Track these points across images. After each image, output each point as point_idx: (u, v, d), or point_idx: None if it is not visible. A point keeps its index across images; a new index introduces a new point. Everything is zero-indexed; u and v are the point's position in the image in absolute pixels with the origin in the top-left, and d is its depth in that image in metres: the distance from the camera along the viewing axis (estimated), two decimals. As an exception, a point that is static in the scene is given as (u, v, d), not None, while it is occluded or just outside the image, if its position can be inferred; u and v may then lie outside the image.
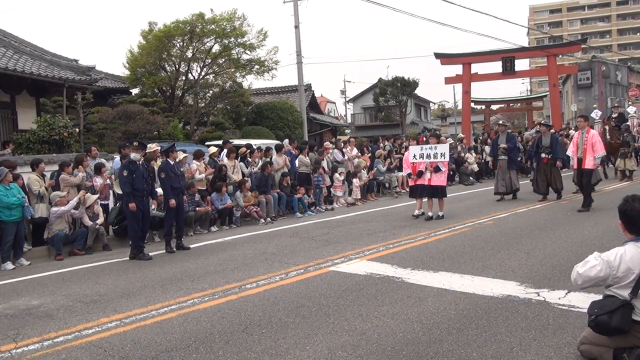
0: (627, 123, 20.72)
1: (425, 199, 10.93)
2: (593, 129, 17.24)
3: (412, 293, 5.58)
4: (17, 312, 5.76)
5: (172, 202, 8.97)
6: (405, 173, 11.44)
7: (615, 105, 20.45)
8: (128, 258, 8.49)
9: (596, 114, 30.17)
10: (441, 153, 10.55)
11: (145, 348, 4.41)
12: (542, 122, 13.52)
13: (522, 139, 19.77)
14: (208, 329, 4.78)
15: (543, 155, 12.27)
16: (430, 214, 10.61)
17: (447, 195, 11.13)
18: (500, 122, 14.89)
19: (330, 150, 15.68)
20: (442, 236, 8.81)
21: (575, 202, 12.39)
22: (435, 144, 10.80)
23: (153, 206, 9.94)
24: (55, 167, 10.62)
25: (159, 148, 10.48)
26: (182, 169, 9.80)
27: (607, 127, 17.52)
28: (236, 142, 15.46)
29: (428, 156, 10.64)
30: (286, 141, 15.17)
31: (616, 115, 18.73)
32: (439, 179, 10.65)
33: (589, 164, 10.75)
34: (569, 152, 11.33)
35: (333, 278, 6.41)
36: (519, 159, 15.05)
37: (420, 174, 10.79)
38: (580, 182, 11.20)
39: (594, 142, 10.70)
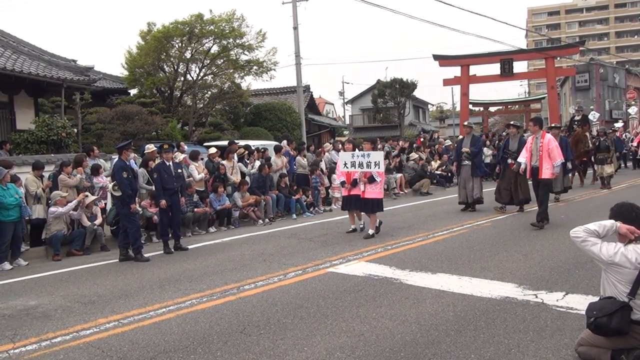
0: (603, 127, 20.61)
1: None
2: (591, 131, 17.14)
3: (410, 294, 5.58)
4: (15, 313, 5.75)
5: (163, 202, 8.94)
6: (338, 181, 9.93)
7: (578, 108, 19.38)
8: (118, 260, 8.45)
9: (594, 116, 30.20)
10: (375, 162, 9.10)
11: (144, 349, 4.41)
12: (512, 122, 12.00)
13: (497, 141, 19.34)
14: (206, 330, 4.78)
15: (510, 160, 10.92)
16: (370, 231, 9.22)
17: (384, 210, 9.75)
18: (466, 123, 13.47)
19: (327, 152, 15.65)
20: (441, 238, 8.81)
21: (575, 203, 12.43)
22: (369, 151, 9.35)
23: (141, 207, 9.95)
24: (53, 168, 10.62)
25: (156, 149, 10.50)
26: (180, 170, 9.70)
27: (588, 133, 16.30)
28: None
29: (360, 165, 9.20)
30: (284, 142, 15.17)
31: (579, 117, 17.54)
32: (374, 191, 9.22)
33: (546, 173, 9.33)
34: (521, 159, 9.97)
35: (331, 279, 6.41)
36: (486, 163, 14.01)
37: (355, 183, 9.37)
38: (536, 194, 9.78)
39: (551, 148, 9.34)
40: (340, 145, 16.47)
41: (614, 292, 3.67)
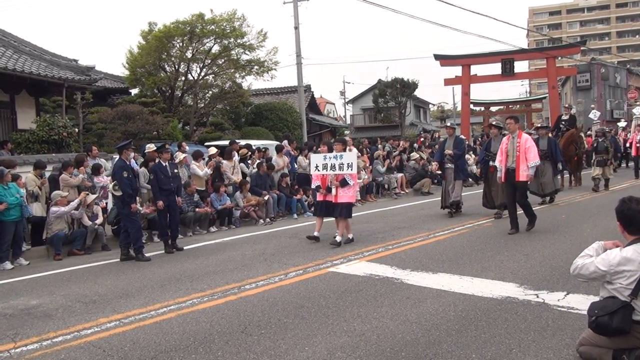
0: (604, 127, 20.23)
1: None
2: (590, 130, 17.01)
3: (411, 294, 5.58)
4: (16, 312, 5.75)
5: (160, 203, 8.95)
6: (313, 186, 9.38)
7: (566, 106, 18.73)
8: (119, 260, 8.46)
9: (594, 115, 30.10)
10: (348, 164, 8.58)
11: (144, 348, 4.41)
12: (494, 122, 11.10)
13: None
14: (207, 330, 4.78)
15: (491, 163, 10.29)
16: (338, 238, 8.51)
17: (352, 216, 9.02)
18: (449, 124, 12.55)
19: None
20: (442, 237, 8.81)
21: (576, 203, 12.42)
22: (340, 152, 8.85)
23: (143, 207, 9.96)
24: (52, 168, 10.62)
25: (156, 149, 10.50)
26: (176, 170, 9.68)
27: (581, 134, 15.90)
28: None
29: (332, 167, 8.67)
30: (285, 142, 15.17)
31: (567, 117, 16.91)
32: (346, 195, 8.66)
33: (523, 175, 8.68)
34: (497, 162, 9.31)
35: (332, 279, 6.41)
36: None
37: (330, 190, 8.72)
38: (512, 199, 8.96)
39: (528, 148, 8.72)
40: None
41: (615, 293, 3.65)
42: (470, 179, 17.85)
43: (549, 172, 12.29)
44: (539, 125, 14.47)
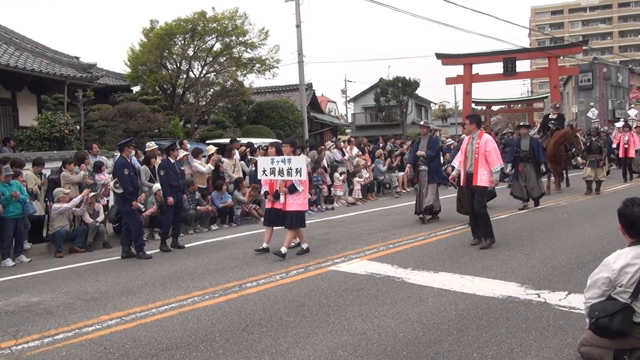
0: (597, 125, 19.73)
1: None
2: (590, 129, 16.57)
3: (412, 293, 5.58)
4: (17, 309, 5.76)
5: (170, 199, 8.99)
6: (262, 191, 8.71)
7: (556, 105, 18.01)
8: (120, 257, 8.45)
9: (593, 113, 29.95)
10: (296, 169, 7.74)
11: (146, 346, 4.41)
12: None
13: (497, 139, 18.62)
14: (208, 327, 4.78)
15: (450, 165, 9.46)
16: (283, 249, 7.68)
17: (306, 225, 8.27)
18: (422, 122, 11.53)
19: (327, 150, 15.60)
20: (443, 236, 8.80)
21: (577, 203, 12.40)
22: (289, 156, 7.99)
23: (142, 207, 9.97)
24: (55, 164, 10.64)
25: (157, 147, 10.54)
26: (182, 167, 9.79)
27: (577, 134, 14.98)
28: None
29: (280, 172, 7.86)
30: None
31: (555, 116, 15.97)
32: (296, 203, 7.86)
33: (481, 179, 7.78)
34: (455, 163, 8.55)
35: (333, 277, 6.41)
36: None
37: (277, 196, 7.98)
38: (471, 206, 8.07)
39: (488, 151, 7.77)
40: (342, 144, 16.53)
41: (616, 295, 3.65)
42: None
43: (533, 174, 11.72)
44: (521, 124, 13.48)
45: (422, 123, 11.36)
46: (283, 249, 7.67)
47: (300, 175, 7.74)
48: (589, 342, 3.75)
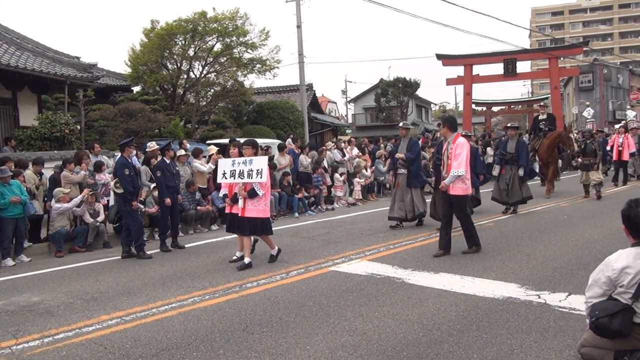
0: (589, 127, 18.87)
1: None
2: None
3: (412, 294, 5.58)
4: (18, 309, 5.76)
5: (168, 200, 8.99)
6: (221, 194, 8.17)
7: (541, 104, 17.20)
8: (120, 257, 8.45)
9: (588, 113, 29.87)
10: (257, 170, 7.08)
11: (146, 346, 4.41)
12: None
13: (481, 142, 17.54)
14: (209, 328, 4.78)
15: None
16: (246, 259, 7.17)
17: (273, 232, 7.63)
18: (401, 124, 10.49)
19: (328, 151, 15.61)
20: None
21: (578, 204, 12.40)
22: (250, 157, 7.34)
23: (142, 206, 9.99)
24: (56, 164, 10.64)
25: (158, 147, 10.54)
26: (177, 168, 9.83)
27: (571, 135, 14.40)
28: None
29: (241, 174, 7.22)
30: (289, 140, 15.20)
31: (545, 116, 15.42)
32: (255, 208, 7.17)
33: (456, 188, 7.33)
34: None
35: (334, 278, 6.41)
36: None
37: (236, 199, 7.39)
38: (445, 214, 7.62)
39: (456, 154, 7.27)
40: (343, 144, 16.54)
41: (617, 295, 3.65)
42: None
43: (517, 178, 11.15)
44: (508, 125, 12.91)
45: (401, 124, 10.38)
46: (247, 260, 7.14)
47: (261, 177, 7.07)
48: (590, 343, 3.75)
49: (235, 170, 7.33)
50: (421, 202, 9.98)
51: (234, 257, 7.61)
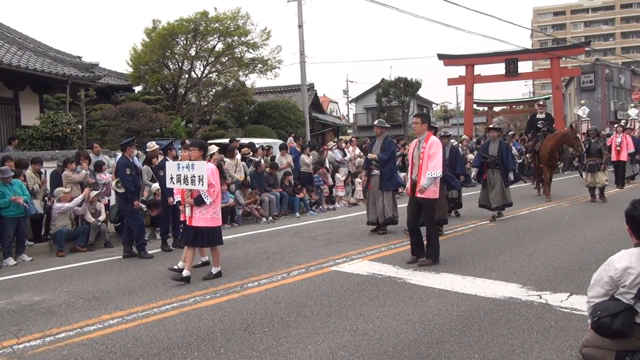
0: (595, 126, 18.31)
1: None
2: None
3: (414, 294, 5.58)
4: (19, 308, 5.77)
5: (171, 200, 8.97)
6: (175, 200, 7.47)
7: (540, 104, 16.06)
8: (122, 257, 8.45)
9: (583, 112, 29.70)
10: (198, 176, 6.41)
11: (147, 345, 4.42)
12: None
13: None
14: (210, 327, 4.79)
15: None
16: (185, 271, 6.48)
17: (223, 243, 6.95)
18: (376, 122, 9.62)
19: (329, 150, 15.60)
20: (444, 237, 8.77)
21: (579, 203, 12.38)
22: (193, 161, 6.61)
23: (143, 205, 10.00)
24: (55, 164, 10.66)
25: (158, 146, 10.55)
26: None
27: (578, 135, 13.84)
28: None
29: (185, 180, 6.56)
30: (290, 138, 15.20)
31: (543, 116, 14.93)
32: (203, 217, 6.55)
33: (427, 191, 6.81)
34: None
35: (335, 278, 6.40)
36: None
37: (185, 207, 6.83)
38: (412, 217, 7.10)
39: (431, 155, 6.79)
40: (344, 144, 16.52)
41: (619, 295, 3.64)
42: (473, 180, 15.18)
43: (499, 182, 10.53)
44: (490, 126, 12.19)
45: (376, 122, 9.60)
46: (185, 272, 6.48)
47: (202, 184, 6.39)
48: (591, 343, 3.74)
49: (180, 175, 6.65)
50: (391, 206, 9.34)
51: (175, 267, 6.95)
